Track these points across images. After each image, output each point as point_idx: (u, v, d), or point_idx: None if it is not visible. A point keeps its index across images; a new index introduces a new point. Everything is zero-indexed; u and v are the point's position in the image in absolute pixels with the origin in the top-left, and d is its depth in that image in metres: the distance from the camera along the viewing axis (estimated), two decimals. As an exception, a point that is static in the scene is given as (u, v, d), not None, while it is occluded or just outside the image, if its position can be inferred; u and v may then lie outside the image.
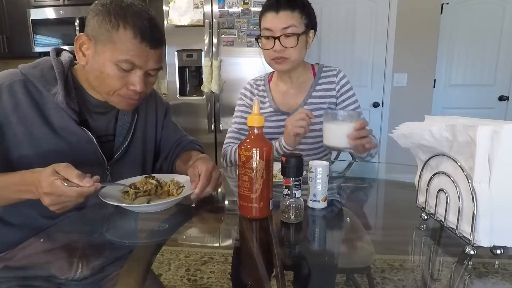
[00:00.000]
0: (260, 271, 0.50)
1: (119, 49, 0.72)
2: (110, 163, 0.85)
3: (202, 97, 2.41)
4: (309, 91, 1.22)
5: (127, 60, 0.73)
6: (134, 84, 0.76)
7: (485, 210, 0.49)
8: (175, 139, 1.03)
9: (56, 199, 0.61)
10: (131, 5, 0.74)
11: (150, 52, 0.75)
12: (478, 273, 0.49)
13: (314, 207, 0.72)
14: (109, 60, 0.73)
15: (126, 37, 0.72)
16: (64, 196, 0.61)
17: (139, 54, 0.73)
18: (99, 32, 0.72)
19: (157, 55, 0.77)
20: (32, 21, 2.95)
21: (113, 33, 0.71)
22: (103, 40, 0.72)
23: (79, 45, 0.76)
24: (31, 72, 0.76)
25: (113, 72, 0.74)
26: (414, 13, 2.66)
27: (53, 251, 0.60)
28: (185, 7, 2.32)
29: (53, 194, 0.61)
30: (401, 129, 0.66)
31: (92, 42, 0.74)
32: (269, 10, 1.09)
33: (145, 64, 0.76)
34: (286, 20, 1.07)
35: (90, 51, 0.75)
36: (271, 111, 1.22)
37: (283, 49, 1.08)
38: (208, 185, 0.74)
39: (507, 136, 0.46)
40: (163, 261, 0.53)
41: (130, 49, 0.72)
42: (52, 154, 0.76)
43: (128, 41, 0.72)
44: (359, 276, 0.50)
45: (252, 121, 0.66)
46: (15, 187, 0.67)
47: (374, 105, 2.86)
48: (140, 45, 0.73)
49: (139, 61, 0.74)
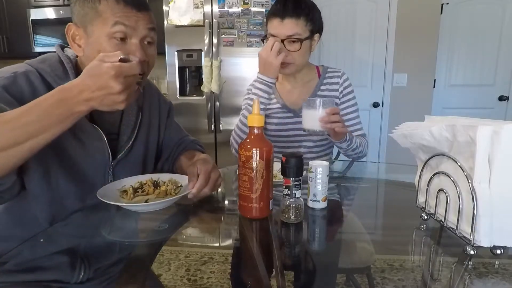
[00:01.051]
0: (260, 271, 0.50)
1: (107, 19, 0.72)
2: (114, 162, 0.85)
3: (202, 97, 2.41)
4: (314, 90, 1.23)
5: (116, 22, 0.72)
6: (134, 53, 0.75)
7: (485, 210, 0.49)
8: (177, 140, 1.03)
9: (125, 81, 0.60)
10: None
11: (138, 15, 0.75)
12: (478, 273, 0.49)
13: (314, 207, 0.72)
14: (101, 35, 0.73)
15: (109, 6, 0.72)
16: (129, 76, 0.61)
17: (127, 16, 0.73)
18: (84, 14, 0.73)
19: (146, 17, 0.76)
20: (32, 21, 2.95)
21: (96, 7, 0.72)
22: (90, 19, 0.73)
23: (71, 38, 0.76)
24: (41, 66, 0.76)
25: (109, 45, 0.73)
26: (414, 13, 2.67)
27: (52, 252, 0.59)
28: (185, 7, 2.32)
29: (121, 75, 0.59)
30: (401, 129, 0.66)
31: (82, 29, 0.74)
32: (275, 16, 1.10)
33: (137, 26, 0.75)
34: (291, 28, 1.08)
35: (83, 40, 0.75)
36: (278, 107, 1.23)
37: (287, 54, 1.10)
38: (206, 186, 0.73)
39: (507, 136, 0.46)
40: (163, 261, 0.53)
41: (116, 14, 0.72)
42: (65, 150, 0.75)
43: (113, 9, 0.72)
44: (359, 276, 0.50)
45: (252, 121, 0.66)
46: (61, 103, 0.60)
47: (374, 105, 2.86)
48: (124, 8, 0.73)
49: (129, 22, 0.73)
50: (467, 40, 2.80)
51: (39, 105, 0.60)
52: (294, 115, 1.22)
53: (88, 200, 0.79)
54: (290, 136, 1.23)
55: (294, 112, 1.22)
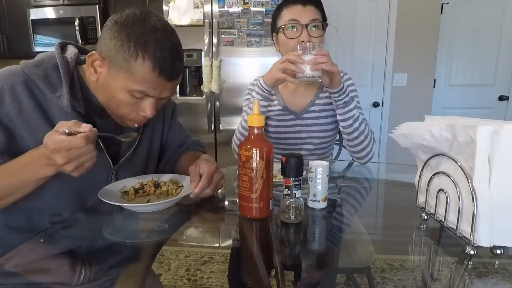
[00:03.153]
0: (260, 271, 0.50)
1: (135, 80, 0.68)
2: (116, 166, 0.84)
3: (202, 97, 2.41)
4: (317, 92, 1.22)
5: (141, 91, 0.70)
6: (145, 110, 0.74)
7: (485, 210, 0.49)
8: (179, 140, 1.03)
9: (67, 154, 0.59)
10: (153, 30, 0.68)
11: (166, 84, 0.72)
12: (478, 273, 0.49)
13: (314, 207, 0.72)
14: (122, 87, 0.70)
15: (144, 68, 0.67)
16: (73, 149, 0.59)
17: (155, 86, 0.70)
18: (115, 56, 0.68)
19: (173, 86, 0.75)
20: (32, 21, 2.95)
21: (130, 62, 0.67)
22: (118, 66, 0.68)
23: (91, 61, 0.72)
24: (34, 71, 0.72)
25: (125, 98, 0.71)
26: (414, 13, 2.66)
27: (52, 252, 0.59)
28: (185, 7, 2.32)
29: (61, 149, 0.59)
30: (401, 129, 0.66)
31: (106, 62, 0.70)
32: (296, 3, 1.13)
33: (159, 94, 0.73)
34: (313, 13, 1.12)
35: (103, 70, 0.71)
36: (280, 109, 1.22)
37: (310, 40, 1.11)
38: (209, 187, 0.73)
39: (507, 136, 0.46)
40: (163, 261, 0.53)
41: (146, 81, 0.69)
42: None
43: (145, 74, 0.68)
44: (359, 276, 0.50)
45: (252, 121, 0.66)
46: (27, 168, 0.65)
47: (374, 105, 2.86)
48: (157, 78, 0.69)
49: (154, 92, 0.71)
50: (467, 40, 2.80)
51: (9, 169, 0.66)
52: (295, 118, 1.21)
53: (90, 201, 0.79)
54: (291, 139, 1.22)
55: (295, 115, 1.21)
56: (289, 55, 1.00)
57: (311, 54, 0.97)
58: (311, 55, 0.97)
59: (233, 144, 1.22)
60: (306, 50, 0.98)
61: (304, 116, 1.20)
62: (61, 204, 0.76)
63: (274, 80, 1.06)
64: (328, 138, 1.23)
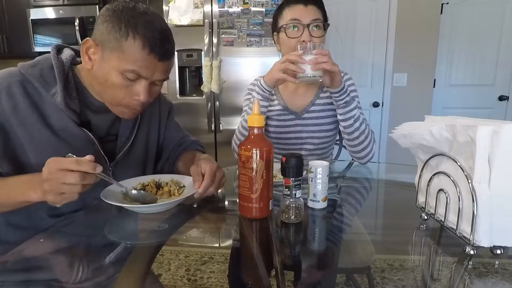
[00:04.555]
0: (260, 271, 0.50)
1: (126, 59, 0.70)
2: (112, 164, 0.84)
3: (202, 97, 2.41)
4: (318, 92, 1.22)
5: (133, 70, 0.71)
6: (138, 94, 0.75)
7: (485, 210, 0.49)
8: (177, 140, 1.03)
9: (55, 186, 0.60)
10: (143, 14, 0.72)
11: (157, 64, 0.73)
12: (478, 273, 0.49)
13: (314, 207, 0.72)
14: (114, 68, 0.71)
15: (135, 47, 0.70)
16: (65, 185, 0.59)
17: (146, 66, 0.72)
18: (107, 38, 0.70)
19: (164, 66, 0.75)
20: (32, 21, 2.95)
21: (121, 42, 0.69)
22: (110, 47, 0.71)
23: (85, 49, 0.74)
24: (30, 71, 0.75)
25: (118, 80, 0.72)
26: (414, 13, 2.67)
27: (52, 252, 0.59)
28: (185, 7, 2.32)
29: (51, 180, 0.59)
30: (401, 129, 0.66)
31: (99, 47, 0.72)
32: (298, 3, 1.13)
33: (151, 75, 0.74)
34: (314, 13, 1.12)
35: (96, 56, 0.73)
36: (280, 109, 1.22)
37: (311, 39, 1.11)
38: (212, 185, 0.74)
39: (507, 136, 0.46)
40: (163, 261, 0.53)
41: (137, 60, 0.70)
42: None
43: (136, 52, 0.70)
44: (359, 276, 0.50)
45: (252, 121, 0.66)
46: (23, 186, 0.67)
47: (374, 105, 2.86)
48: (148, 56, 0.71)
49: (145, 72, 0.73)
50: (467, 40, 2.80)
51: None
52: (296, 118, 1.21)
53: (89, 200, 0.79)
54: (291, 139, 1.22)
55: (295, 115, 1.21)
56: (290, 55, 1.00)
57: (312, 54, 0.97)
58: (312, 55, 0.97)
59: (233, 144, 1.22)
60: (307, 50, 0.98)
61: (304, 116, 1.20)
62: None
63: (274, 80, 1.06)
64: (328, 138, 1.23)
